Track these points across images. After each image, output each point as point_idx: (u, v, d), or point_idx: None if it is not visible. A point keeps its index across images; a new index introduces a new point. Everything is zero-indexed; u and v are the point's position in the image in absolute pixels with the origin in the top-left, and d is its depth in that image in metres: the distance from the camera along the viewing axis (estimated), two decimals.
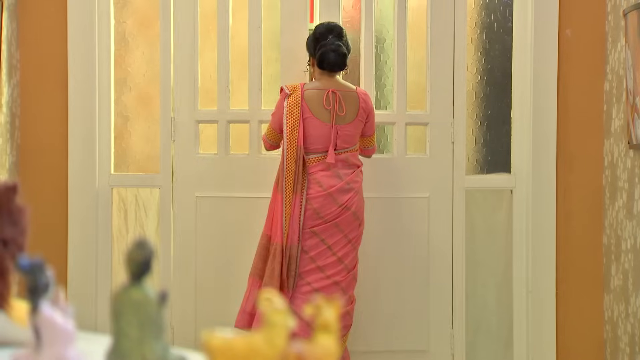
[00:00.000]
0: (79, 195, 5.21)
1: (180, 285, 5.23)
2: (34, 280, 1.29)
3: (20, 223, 1.61)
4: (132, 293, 1.38)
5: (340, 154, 4.71)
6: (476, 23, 5.35)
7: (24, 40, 5.17)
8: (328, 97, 4.70)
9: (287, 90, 4.72)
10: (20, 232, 1.61)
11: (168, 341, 1.38)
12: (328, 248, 4.67)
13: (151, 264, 1.37)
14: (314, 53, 4.79)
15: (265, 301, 1.29)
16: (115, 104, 5.32)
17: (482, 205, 5.39)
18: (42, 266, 1.30)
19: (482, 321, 5.38)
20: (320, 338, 1.25)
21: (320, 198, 4.65)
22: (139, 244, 1.36)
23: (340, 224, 4.68)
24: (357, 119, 4.75)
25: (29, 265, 1.29)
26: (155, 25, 5.30)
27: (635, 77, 4.56)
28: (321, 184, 4.66)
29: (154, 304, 1.37)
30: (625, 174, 4.89)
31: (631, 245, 4.80)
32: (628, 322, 4.83)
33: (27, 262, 1.29)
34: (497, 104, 5.37)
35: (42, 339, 1.31)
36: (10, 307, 1.60)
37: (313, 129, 4.67)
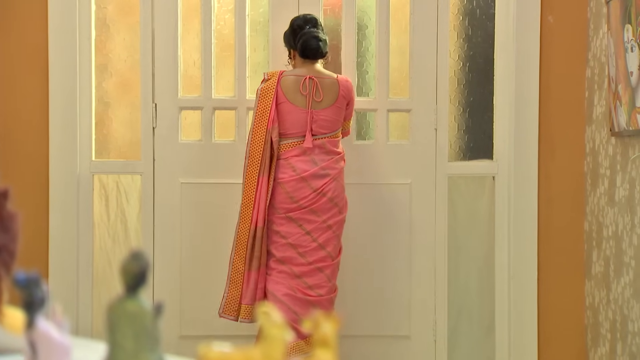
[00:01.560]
0: (59, 182, 5.19)
1: (163, 273, 5.21)
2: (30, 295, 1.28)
3: (11, 229, 1.60)
4: (127, 305, 1.37)
5: (317, 140, 4.71)
6: (458, 9, 5.34)
7: (4, 26, 5.12)
8: (305, 83, 4.71)
9: (265, 76, 4.77)
10: (12, 238, 1.60)
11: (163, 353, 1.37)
12: (307, 234, 4.69)
13: (147, 276, 1.36)
14: (294, 45, 4.80)
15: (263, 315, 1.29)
16: (96, 90, 5.29)
17: (465, 191, 5.40)
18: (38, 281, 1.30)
19: (464, 307, 5.39)
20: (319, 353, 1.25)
21: (293, 182, 4.66)
22: (134, 256, 1.36)
23: (316, 210, 4.69)
24: (335, 105, 4.74)
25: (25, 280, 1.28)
26: (136, 11, 5.26)
27: (618, 65, 4.57)
28: (295, 168, 4.67)
29: (150, 316, 1.37)
30: (607, 161, 4.91)
31: (612, 232, 4.82)
32: (609, 309, 4.86)
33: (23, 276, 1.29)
34: (480, 90, 5.37)
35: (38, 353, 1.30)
36: (3, 315, 1.59)
37: (288, 114, 4.67)
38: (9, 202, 1.59)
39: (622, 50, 4.50)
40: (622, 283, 4.68)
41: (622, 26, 4.49)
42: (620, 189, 4.73)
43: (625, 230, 4.65)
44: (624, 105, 4.51)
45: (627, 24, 4.43)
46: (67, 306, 5.16)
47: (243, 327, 4.92)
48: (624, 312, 4.66)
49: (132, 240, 5.35)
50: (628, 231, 4.62)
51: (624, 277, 4.67)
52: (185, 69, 5.29)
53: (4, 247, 1.58)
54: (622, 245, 4.69)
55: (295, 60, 4.82)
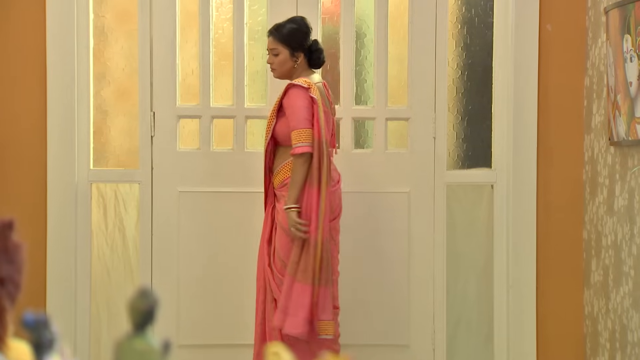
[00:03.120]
0: (57, 191, 5.18)
1: (161, 283, 5.20)
2: (39, 336, 1.27)
3: (16, 261, 1.60)
4: (135, 343, 1.36)
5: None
6: (457, 18, 5.34)
7: (2, 34, 5.11)
8: (325, 90, 4.75)
9: (303, 84, 4.61)
10: (17, 269, 1.60)
11: None
12: (335, 244, 4.72)
13: (155, 314, 1.35)
14: (304, 48, 4.71)
15: (272, 356, 1.28)
16: (94, 98, 5.28)
17: (463, 200, 5.40)
18: (47, 322, 1.29)
19: (462, 316, 5.39)
20: None
21: (333, 192, 4.67)
22: (142, 293, 1.35)
23: (339, 218, 4.76)
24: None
25: (33, 322, 1.27)
26: (134, 19, 5.25)
27: (617, 75, 4.57)
28: (332, 178, 4.68)
29: (158, 354, 1.36)
30: (606, 170, 4.90)
31: (612, 242, 4.82)
32: (608, 318, 4.86)
33: (32, 318, 1.28)
34: (478, 99, 5.36)
35: None
36: (8, 348, 1.58)
37: (326, 122, 4.64)
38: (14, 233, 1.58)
39: (621, 60, 4.50)
40: (622, 293, 4.68)
41: (621, 36, 4.49)
42: (619, 198, 4.73)
43: (625, 240, 4.65)
44: (623, 115, 4.51)
45: (626, 34, 4.43)
46: (65, 315, 5.15)
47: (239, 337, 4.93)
48: (623, 321, 4.66)
49: (130, 249, 5.35)
50: (627, 241, 4.62)
51: (623, 286, 4.67)
52: (183, 78, 5.28)
53: (9, 279, 1.57)
54: (621, 254, 4.69)
55: (298, 63, 4.71)
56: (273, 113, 4.70)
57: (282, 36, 4.69)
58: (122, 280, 5.36)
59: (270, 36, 4.73)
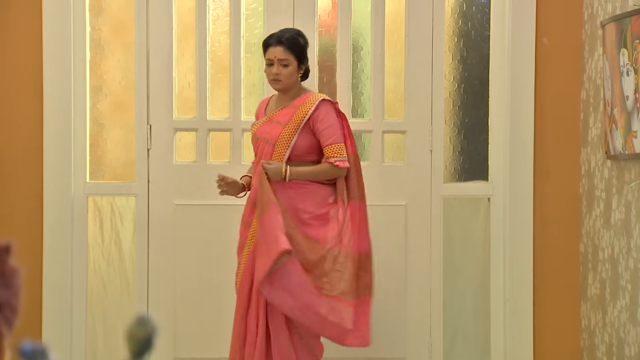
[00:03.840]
0: (54, 204, 5.17)
1: (157, 296, 5.20)
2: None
3: (13, 285, 1.58)
4: None
5: None
6: (453, 31, 5.34)
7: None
8: None
9: (330, 99, 4.63)
10: (14, 294, 1.58)
11: None
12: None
13: (153, 342, 1.34)
14: (306, 64, 4.64)
15: None
16: (91, 111, 5.28)
17: (460, 213, 5.40)
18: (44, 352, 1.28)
19: (459, 329, 5.39)
20: None
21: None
22: (140, 320, 1.34)
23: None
24: None
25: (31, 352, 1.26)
26: (131, 32, 5.25)
27: (613, 89, 4.57)
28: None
29: None
30: (603, 184, 4.90)
31: (608, 255, 4.82)
32: (605, 332, 4.86)
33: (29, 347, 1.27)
34: (475, 111, 5.36)
35: None
36: None
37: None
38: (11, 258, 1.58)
39: (617, 73, 4.50)
40: (619, 306, 4.68)
41: (617, 50, 4.49)
42: (616, 212, 4.73)
43: (622, 254, 4.64)
44: (619, 129, 4.51)
45: (622, 47, 4.43)
46: (60, 328, 5.15)
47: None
48: (620, 335, 4.66)
49: (126, 262, 5.34)
50: (624, 254, 4.62)
51: (620, 300, 4.66)
52: (180, 90, 5.28)
53: (6, 304, 1.56)
54: (618, 268, 4.69)
55: (297, 76, 4.60)
56: (294, 128, 4.51)
57: (293, 46, 4.54)
58: (118, 293, 5.35)
59: (278, 46, 4.53)
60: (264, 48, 4.59)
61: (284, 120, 4.54)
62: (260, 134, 4.58)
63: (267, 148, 4.53)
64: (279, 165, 4.46)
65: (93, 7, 5.26)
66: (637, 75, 4.29)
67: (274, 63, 4.52)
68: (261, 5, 5.26)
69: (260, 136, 4.58)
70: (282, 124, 4.53)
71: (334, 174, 4.53)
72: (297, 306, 4.40)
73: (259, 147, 4.58)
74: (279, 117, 4.57)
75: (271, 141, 4.52)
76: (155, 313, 5.19)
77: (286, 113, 4.55)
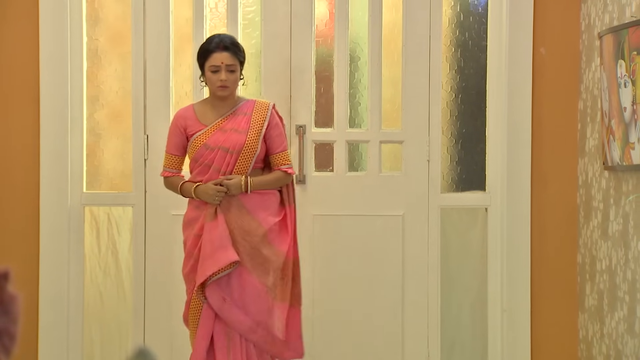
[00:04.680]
0: (50, 214, 5.16)
1: (154, 307, 5.19)
2: None
3: (11, 312, 1.57)
4: None
5: None
6: (451, 41, 5.33)
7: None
8: None
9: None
10: (12, 321, 1.57)
11: None
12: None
13: None
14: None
15: None
16: (88, 121, 5.27)
17: (457, 223, 5.39)
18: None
19: (457, 340, 5.37)
20: None
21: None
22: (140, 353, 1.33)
23: None
24: None
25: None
26: (128, 42, 5.25)
27: (611, 100, 4.57)
28: None
29: None
30: (600, 194, 4.90)
31: (606, 266, 4.81)
32: (603, 343, 4.85)
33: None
34: (472, 122, 5.36)
35: None
36: None
37: None
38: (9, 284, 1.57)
39: (615, 85, 4.50)
40: (616, 318, 4.67)
41: (615, 61, 4.49)
42: (613, 223, 4.73)
43: (619, 265, 4.64)
44: (617, 140, 4.51)
45: (620, 59, 4.43)
46: (57, 338, 5.13)
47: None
48: (618, 347, 4.65)
49: (123, 272, 5.32)
50: (622, 266, 4.61)
51: (617, 312, 4.66)
52: (177, 100, 5.27)
53: (5, 331, 1.55)
54: (616, 279, 4.68)
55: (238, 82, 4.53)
56: (256, 135, 4.41)
57: (238, 52, 4.43)
58: (115, 303, 5.33)
59: (225, 51, 4.36)
60: (205, 54, 4.41)
61: (241, 127, 4.41)
62: (214, 143, 4.38)
63: (227, 157, 4.38)
64: (237, 179, 4.35)
65: (90, 17, 5.26)
66: (635, 86, 4.29)
67: (220, 69, 4.36)
68: (258, 16, 5.25)
69: (216, 145, 4.37)
70: (242, 132, 4.40)
71: (285, 182, 4.51)
72: (249, 323, 4.34)
73: (216, 157, 4.38)
74: (232, 125, 4.41)
75: (234, 150, 4.37)
76: (152, 325, 5.19)
77: (240, 120, 4.42)
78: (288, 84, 5.24)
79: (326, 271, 5.22)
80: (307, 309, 5.06)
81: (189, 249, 4.42)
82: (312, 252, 5.15)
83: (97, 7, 5.28)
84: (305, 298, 4.87)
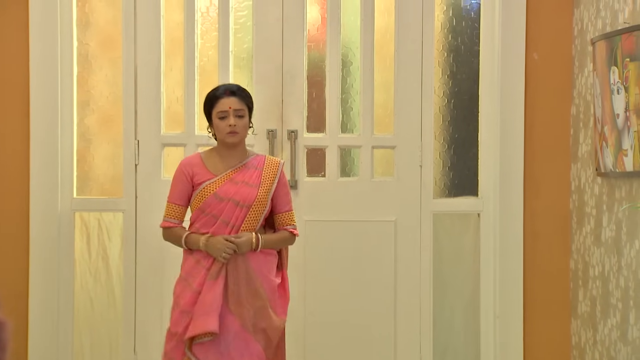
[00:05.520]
0: (40, 220, 5.13)
1: (145, 313, 5.16)
2: None
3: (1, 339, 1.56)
4: None
5: None
6: (443, 46, 5.31)
7: None
8: None
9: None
10: (1, 348, 1.55)
11: None
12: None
13: None
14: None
15: None
16: (78, 126, 5.24)
17: (450, 228, 5.37)
18: None
19: (449, 345, 5.36)
20: None
21: None
22: None
23: None
24: None
25: None
26: (118, 46, 5.21)
27: (604, 106, 4.55)
28: None
29: None
30: (593, 201, 4.88)
31: (599, 273, 4.80)
32: (596, 350, 4.83)
33: None
34: (465, 127, 5.34)
35: None
36: None
37: None
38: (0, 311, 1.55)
39: (608, 91, 4.48)
40: (609, 325, 4.66)
41: (608, 68, 4.47)
42: (606, 229, 4.71)
43: (612, 272, 4.62)
44: (610, 146, 4.49)
45: (613, 65, 4.41)
46: (47, 345, 5.10)
47: None
48: (610, 354, 4.63)
49: (113, 278, 5.30)
50: (615, 272, 4.60)
51: (610, 319, 4.64)
52: (168, 105, 5.24)
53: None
54: (609, 286, 4.67)
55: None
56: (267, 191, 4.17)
57: (246, 97, 4.23)
58: (105, 309, 5.30)
59: (232, 97, 4.16)
60: (211, 101, 4.19)
61: (252, 181, 4.17)
62: (224, 194, 4.12)
63: (237, 211, 4.11)
64: (247, 237, 4.08)
65: (80, 22, 5.22)
66: (628, 93, 4.28)
67: (228, 115, 4.13)
68: (250, 20, 5.23)
69: (226, 197, 4.11)
70: (254, 186, 4.16)
71: (290, 243, 4.28)
72: None
73: (225, 209, 4.12)
74: (243, 178, 4.17)
75: (245, 204, 4.11)
76: (143, 331, 5.17)
77: (252, 174, 4.18)
78: (280, 89, 5.22)
79: (318, 276, 5.20)
80: (299, 314, 5.05)
81: (185, 306, 4.11)
82: (304, 258, 5.13)
83: (87, 12, 5.24)
84: (297, 303, 4.87)
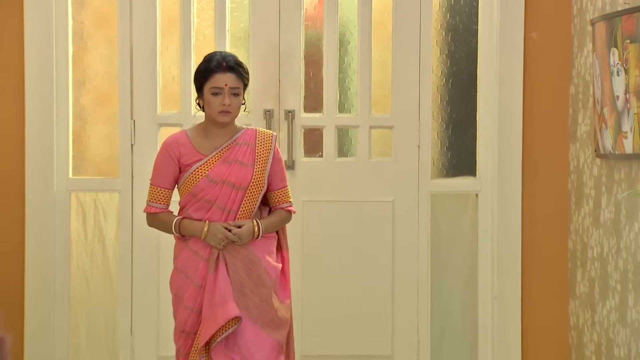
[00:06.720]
0: (36, 200, 5.09)
1: (141, 293, 5.15)
2: None
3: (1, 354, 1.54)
4: None
5: None
6: (441, 25, 5.27)
7: None
8: None
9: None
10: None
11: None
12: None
13: None
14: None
15: None
16: (73, 106, 5.20)
17: (447, 209, 5.34)
18: None
19: (447, 326, 5.35)
20: None
21: None
22: None
23: None
24: None
25: None
26: (114, 25, 5.16)
27: (603, 87, 4.52)
28: None
29: None
30: (592, 181, 4.86)
31: (597, 254, 4.78)
32: (594, 331, 4.82)
33: None
34: (463, 107, 5.30)
35: None
36: None
37: None
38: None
39: (607, 73, 4.44)
40: (608, 306, 4.64)
41: (607, 49, 4.43)
42: (605, 210, 4.69)
43: (611, 254, 4.60)
44: (609, 128, 4.46)
45: (613, 47, 4.37)
46: (43, 324, 5.09)
47: None
48: (609, 335, 4.62)
49: (110, 259, 5.27)
50: (614, 254, 4.58)
51: (609, 300, 4.63)
52: (164, 85, 5.20)
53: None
54: (607, 268, 4.65)
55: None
56: (263, 169, 3.91)
57: (243, 73, 3.91)
58: (101, 290, 5.28)
59: (230, 72, 3.85)
60: (205, 74, 3.88)
61: (246, 159, 3.89)
62: (218, 176, 3.85)
63: (233, 194, 3.86)
64: (248, 227, 3.83)
65: (75, 0, 5.17)
66: (628, 75, 4.24)
67: (223, 92, 3.82)
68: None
69: (220, 179, 3.84)
70: (248, 165, 3.88)
71: (287, 222, 4.06)
72: None
73: (220, 193, 3.86)
74: (236, 156, 3.89)
75: (241, 185, 3.85)
76: (139, 311, 5.15)
77: (245, 151, 3.90)
78: (277, 68, 5.18)
79: (315, 257, 5.17)
80: (297, 294, 5.03)
81: (189, 302, 3.89)
82: (301, 238, 5.11)
83: None
84: (295, 284, 4.83)
